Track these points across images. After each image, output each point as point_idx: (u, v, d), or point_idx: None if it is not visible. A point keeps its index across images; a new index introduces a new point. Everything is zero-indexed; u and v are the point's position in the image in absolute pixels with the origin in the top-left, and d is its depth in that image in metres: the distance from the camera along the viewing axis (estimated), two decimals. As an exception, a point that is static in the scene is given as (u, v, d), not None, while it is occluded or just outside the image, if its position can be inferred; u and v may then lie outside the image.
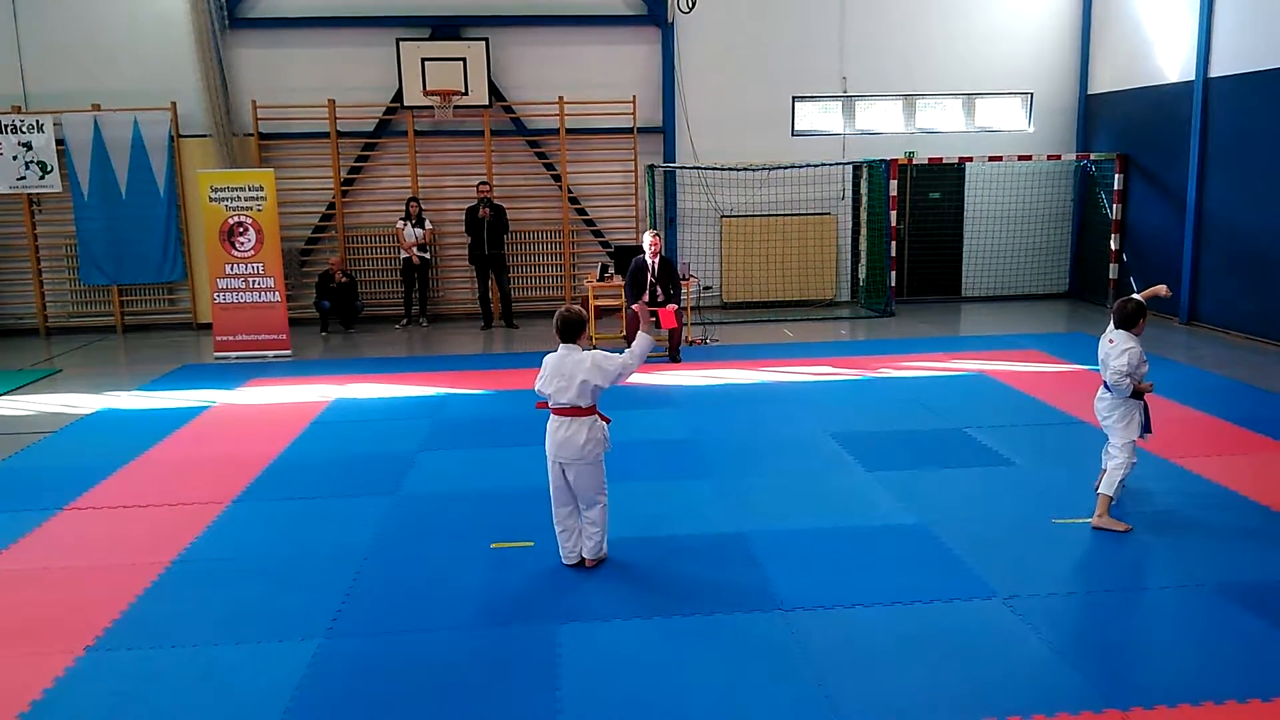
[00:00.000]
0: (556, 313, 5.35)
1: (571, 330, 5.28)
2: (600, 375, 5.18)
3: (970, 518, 6.04)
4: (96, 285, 13.50)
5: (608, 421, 5.32)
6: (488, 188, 13.04)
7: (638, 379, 9.86)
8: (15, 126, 12.86)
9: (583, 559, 5.41)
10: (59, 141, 12.97)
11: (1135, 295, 6.08)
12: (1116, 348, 5.83)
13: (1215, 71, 11.84)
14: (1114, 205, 13.84)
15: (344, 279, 13.03)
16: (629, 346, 5.37)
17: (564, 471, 5.26)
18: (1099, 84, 14.31)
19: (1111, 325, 5.99)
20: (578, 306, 5.43)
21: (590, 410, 5.23)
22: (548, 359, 5.32)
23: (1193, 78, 12.14)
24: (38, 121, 12.88)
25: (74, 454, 7.81)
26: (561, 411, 5.23)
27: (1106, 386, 5.96)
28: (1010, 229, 14.76)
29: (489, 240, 12.84)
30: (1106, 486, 5.89)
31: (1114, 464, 5.90)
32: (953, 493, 6.52)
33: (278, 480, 7.06)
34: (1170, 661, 4.40)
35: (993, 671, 4.30)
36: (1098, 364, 6.03)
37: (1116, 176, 13.72)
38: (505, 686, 4.23)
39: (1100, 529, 5.81)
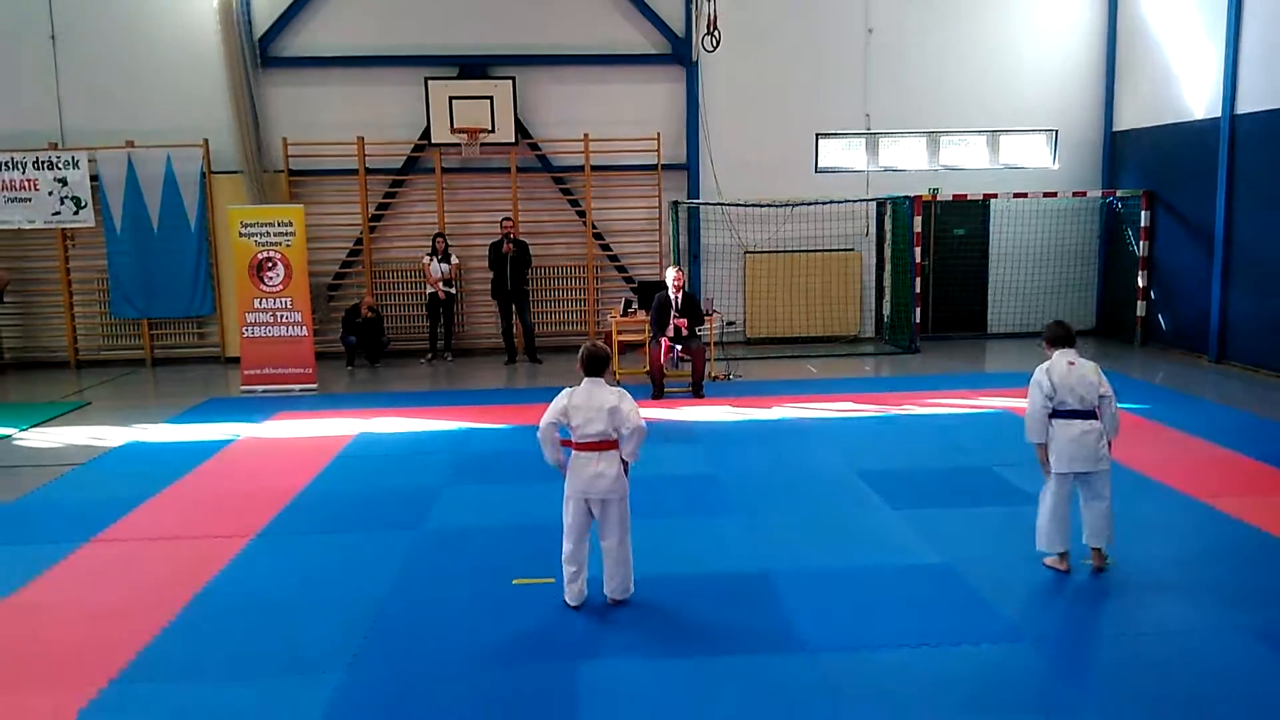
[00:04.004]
0: (582, 347, 5.41)
1: (598, 364, 5.32)
2: (628, 405, 5.22)
3: (996, 558, 5.95)
4: (127, 318, 13.68)
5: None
6: (511, 223, 13.14)
7: (662, 414, 9.88)
8: (52, 163, 13.12)
9: (606, 598, 5.37)
10: (93, 177, 13.22)
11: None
12: (1091, 367, 5.64)
13: (1242, 108, 11.79)
14: (1140, 242, 13.75)
15: (371, 314, 13.14)
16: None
17: (590, 508, 5.22)
18: (1124, 121, 14.28)
19: (1060, 349, 5.70)
20: (602, 342, 5.47)
21: (615, 444, 5.22)
22: (568, 393, 5.29)
23: (1219, 114, 12.09)
24: (73, 158, 13.14)
25: (100, 487, 7.86)
26: (590, 446, 5.19)
27: (1078, 414, 5.59)
28: (1036, 266, 14.69)
29: (512, 275, 12.92)
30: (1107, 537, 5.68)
31: (1107, 505, 5.66)
32: (979, 532, 6.43)
33: (302, 514, 7.08)
34: (1205, 705, 4.28)
35: (1021, 716, 4.21)
36: (1078, 400, 5.58)
37: (1143, 213, 13.64)
38: (525, 726, 4.19)
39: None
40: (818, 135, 14.43)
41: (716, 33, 12.00)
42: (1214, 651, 4.77)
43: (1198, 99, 12.62)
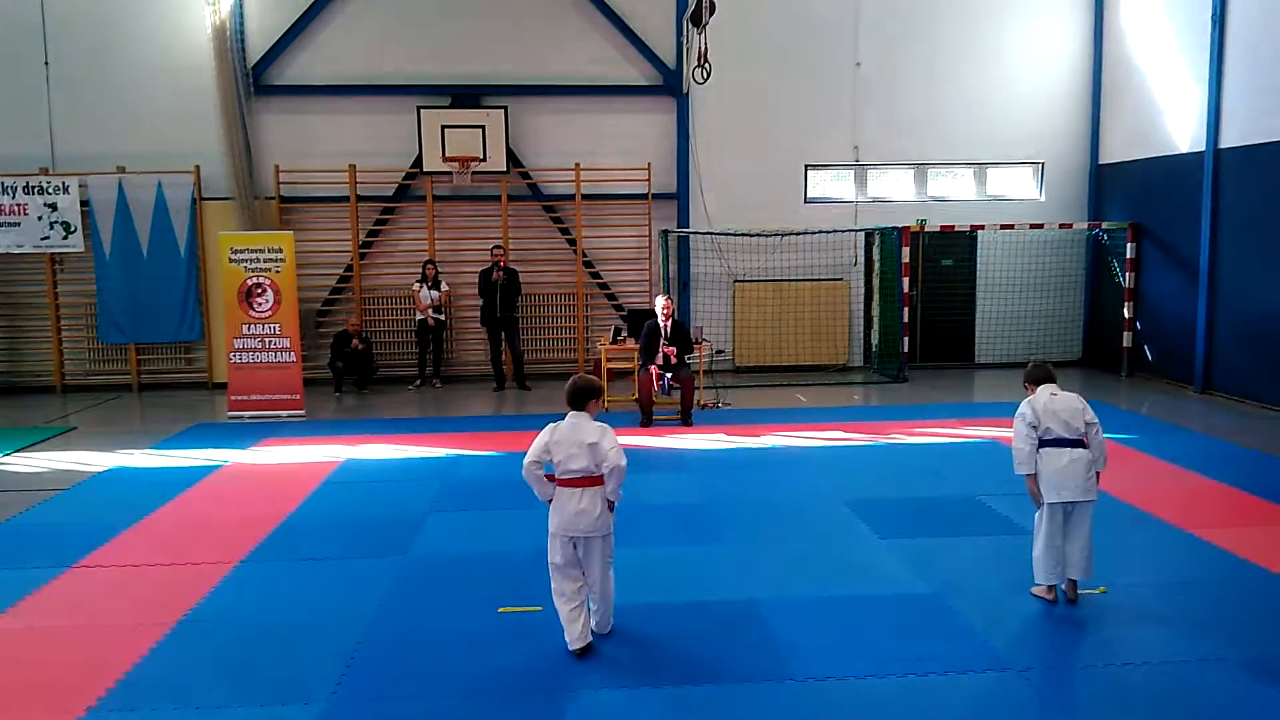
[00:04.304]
0: (570, 379, 5.29)
1: (581, 397, 5.18)
2: (608, 441, 5.05)
3: (984, 587, 5.95)
4: (114, 344, 13.64)
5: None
6: (501, 251, 13.19)
7: (650, 442, 9.87)
8: (42, 187, 13.13)
9: (589, 640, 5.17)
10: (84, 203, 13.23)
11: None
12: (1077, 399, 5.69)
13: (1225, 143, 11.95)
14: (1126, 273, 13.87)
15: (360, 345, 13.12)
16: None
17: (575, 546, 5.08)
18: (1110, 154, 14.44)
19: (1039, 384, 5.78)
20: (591, 374, 5.26)
21: (600, 479, 5.07)
22: (552, 428, 5.12)
23: (1203, 148, 12.25)
24: (64, 183, 13.15)
25: (84, 511, 7.81)
26: (573, 482, 5.05)
27: (1066, 443, 5.60)
28: (1023, 296, 14.79)
29: (502, 303, 12.97)
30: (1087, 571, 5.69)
31: (1087, 538, 5.65)
32: (966, 561, 6.43)
33: (287, 541, 7.04)
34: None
35: (1008, 746, 4.21)
36: (1064, 427, 5.61)
37: (1129, 245, 13.77)
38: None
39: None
40: (806, 166, 14.55)
41: (707, 65, 12.11)
42: (1200, 682, 4.77)
43: (1182, 133, 12.78)
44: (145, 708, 4.60)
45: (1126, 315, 13.89)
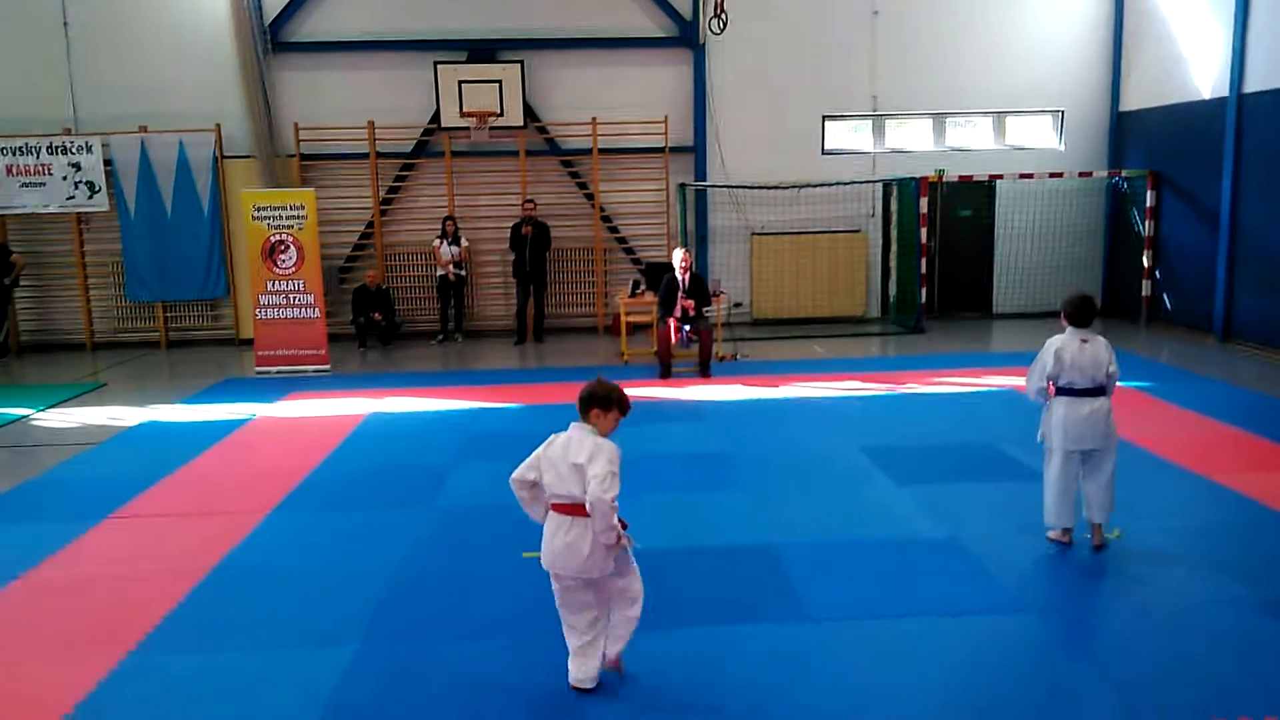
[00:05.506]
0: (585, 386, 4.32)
1: (588, 406, 4.20)
2: (598, 466, 3.99)
3: (1000, 532, 6.03)
4: (142, 302, 13.83)
5: (625, 526, 4.16)
6: (532, 205, 13.27)
7: (669, 394, 9.98)
8: (65, 148, 13.25)
9: (597, 679, 4.33)
10: (107, 162, 13.35)
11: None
12: (1104, 349, 5.59)
13: (1250, 87, 11.79)
14: (1146, 222, 13.78)
15: (381, 319, 13.24)
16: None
17: (575, 583, 4.23)
18: (1131, 101, 14.27)
19: (1075, 326, 5.59)
20: (610, 382, 4.31)
21: None
22: (550, 440, 4.23)
23: (1226, 94, 12.09)
24: (87, 143, 13.26)
25: (117, 465, 8.00)
26: (561, 508, 4.15)
27: (1087, 393, 5.56)
28: (1041, 246, 14.72)
29: (531, 257, 13.07)
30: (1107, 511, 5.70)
31: (1109, 479, 5.66)
32: (983, 507, 6.51)
33: (316, 491, 7.21)
34: (1207, 676, 4.33)
35: (1025, 683, 4.32)
36: (1087, 379, 5.56)
37: (1149, 193, 13.66)
38: (536, 691, 4.31)
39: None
40: (824, 117, 14.46)
41: (724, 15, 12.03)
42: (1215, 622, 4.82)
43: (1205, 78, 12.61)
44: (183, 651, 4.77)
45: (1146, 264, 13.82)
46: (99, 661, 4.64)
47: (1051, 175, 14.09)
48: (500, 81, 13.38)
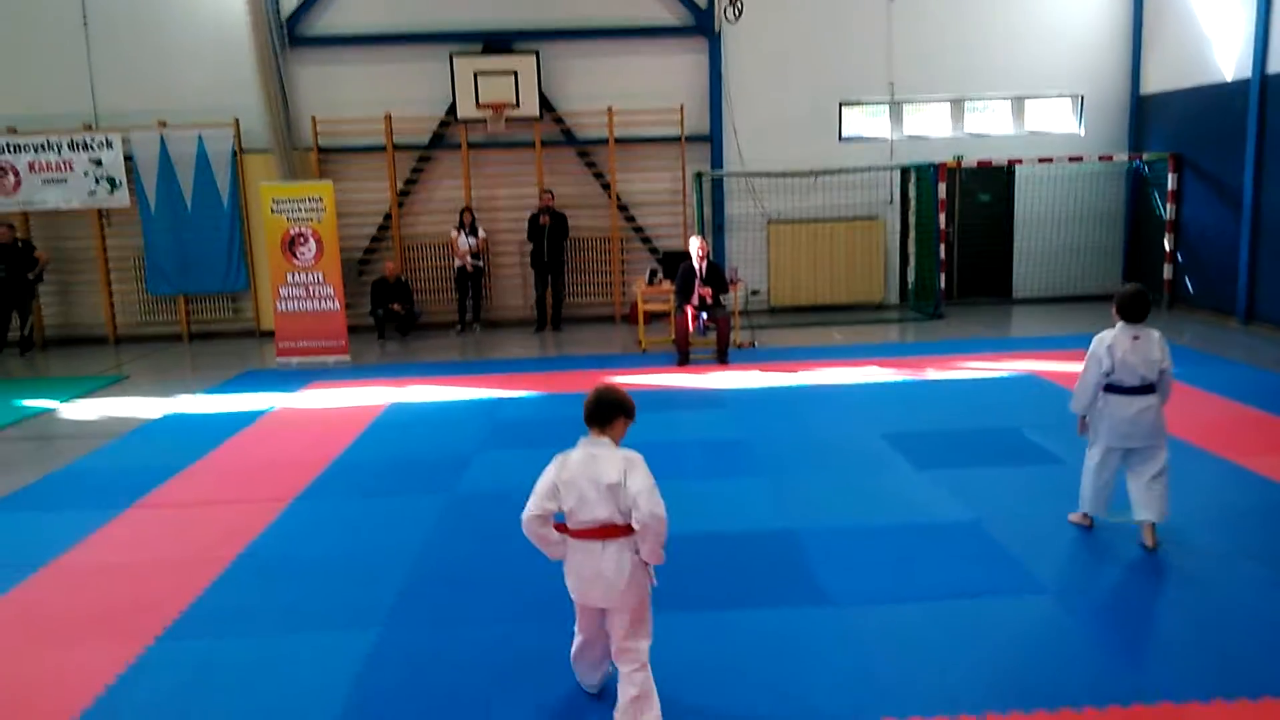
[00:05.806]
0: (594, 390, 3.91)
1: (602, 413, 3.81)
2: (639, 480, 3.68)
3: (1022, 515, 6.01)
4: (163, 295, 13.95)
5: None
6: (550, 196, 13.30)
7: (687, 381, 9.98)
8: (86, 144, 13.36)
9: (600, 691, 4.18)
10: (127, 158, 13.45)
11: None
12: (1156, 340, 5.43)
13: (1273, 69, 11.65)
14: (1167, 205, 13.66)
15: (401, 309, 13.34)
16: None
17: (601, 615, 3.93)
18: (1151, 84, 14.14)
19: (1127, 321, 5.41)
20: (618, 385, 3.99)
21: (628, 529, 3.74)
22: (560, 461, 3.82)
23: (1249, 75, 11.96)
24: (107, 139, 13.36)
25: (141, 455, 8.08)
26: (588, 533, 3.76)
27: (1136, 391, 5.40)
28: (1061, 230, 14.62)
29: (549, 247, 13.11)
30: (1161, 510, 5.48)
31: (1161, 476, 5.46)
32: (1005, 491, 6.48)
33: (338, 480, 7.26)
34: (1227, 655, 4.32)
35: (1045, 664, 4.30)
36: (1136, 377, 5.40)
37: (1170, 176, 13.54)
38: (558, 675, 4.32)
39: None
40: (841, 103, 14.40)
41: (739, 2, 12.00)
42: (1242, 605, 4.79)
43: (1227, 60, 12.48)
44: (209, 636, 4.82)
45: (1167, 247, 13.71)
46: (125, 648, 4.69)
47: (1071, 159, 13.98)
48: (516, 72, 13.40)
